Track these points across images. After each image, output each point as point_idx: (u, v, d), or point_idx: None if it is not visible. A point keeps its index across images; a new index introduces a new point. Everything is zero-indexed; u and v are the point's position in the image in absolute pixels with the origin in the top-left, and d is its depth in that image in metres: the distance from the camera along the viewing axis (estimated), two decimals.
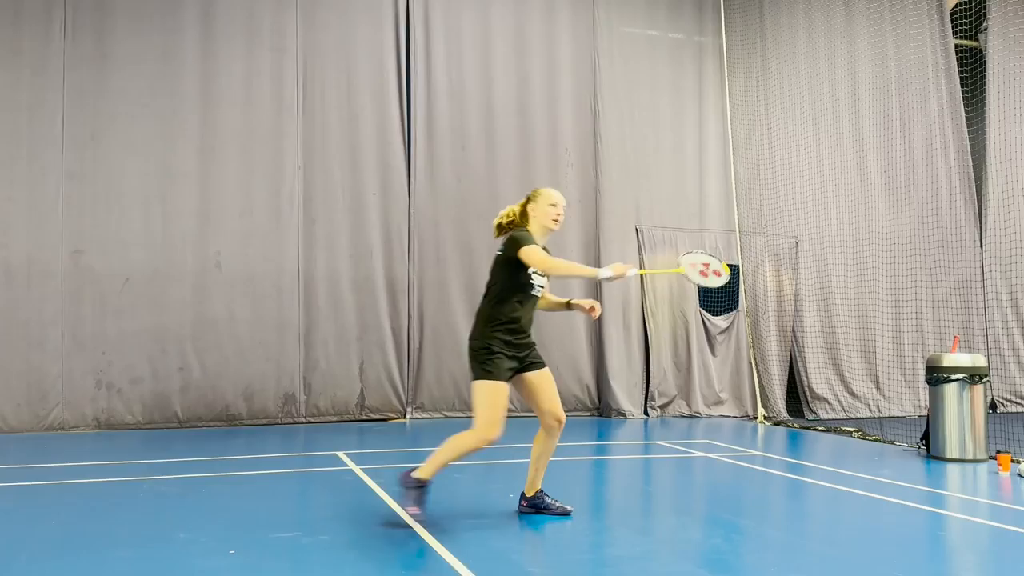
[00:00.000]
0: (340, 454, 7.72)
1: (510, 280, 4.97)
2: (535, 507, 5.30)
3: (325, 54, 10.49)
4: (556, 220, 5.11)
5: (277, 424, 9.94)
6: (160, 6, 9.89)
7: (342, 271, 10.36)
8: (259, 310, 9.99)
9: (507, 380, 4.89)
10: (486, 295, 5.09)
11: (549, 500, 5.31)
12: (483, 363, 4.86)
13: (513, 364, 4.93)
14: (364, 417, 10.31)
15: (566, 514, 5.26)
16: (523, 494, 5.36)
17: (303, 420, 10.07)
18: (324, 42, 10.49)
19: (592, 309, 5.22)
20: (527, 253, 4.83)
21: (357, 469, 6.91)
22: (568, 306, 5.37)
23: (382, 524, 5.04)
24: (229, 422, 9.77)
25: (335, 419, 10.21)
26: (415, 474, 4.93)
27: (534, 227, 5.13)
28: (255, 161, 10.11)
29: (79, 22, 9.60)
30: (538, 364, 5.07)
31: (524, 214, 5.21)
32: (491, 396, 4.81)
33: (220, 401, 9.76)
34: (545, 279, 5.08)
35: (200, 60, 10.00)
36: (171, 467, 7.09)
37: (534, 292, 5.05)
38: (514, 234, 4.99)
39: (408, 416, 10.52)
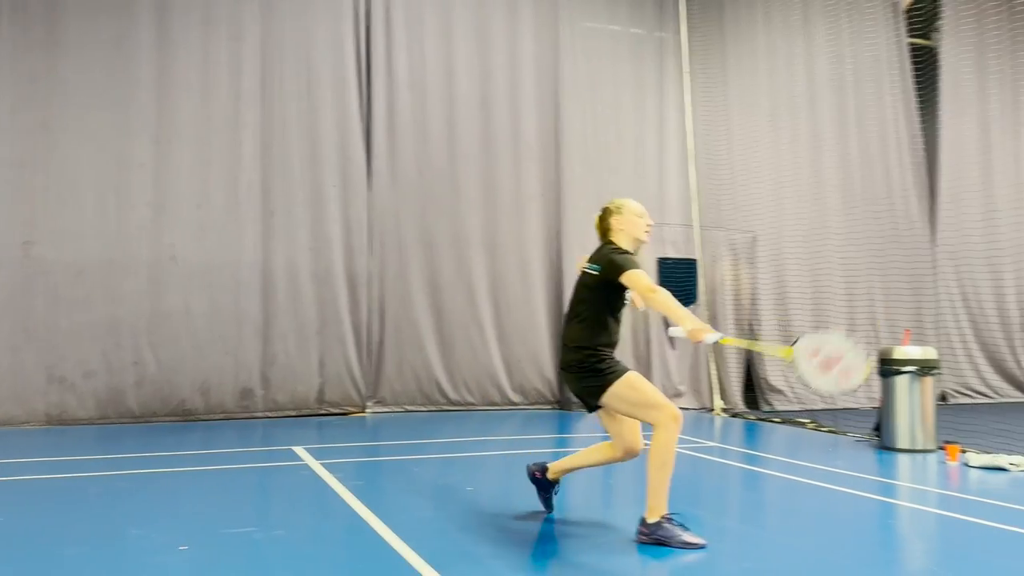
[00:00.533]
0: (298, 449, 7.66)
1: (607, 302, 4.64)
2: (542, 485, 5.12)
3: (284, 44, 10.35)
4: (647, 231, 4.79)
5: (234, 419, 9.82)
6: None
7: (301, 264, 10.25)
8: (216, 303, 9.85)
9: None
10: (578, 318, 4.68)
11: (553, 495, 5.17)
12: (601, 372, 4.56)
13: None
14: (324, 411, 10.23)
15: (550, 510, 5.20)
16: (545, 466, 5.11)
17: (261, 415, 9.96)
18: (283, 32, 10.35)
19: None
20: (632, 278, 4.43)
21: (315, 464, 6.86)
22: None
23: (338, 519, 5.01)
24: (185, 417, 9.64)
25: (294, 413, 10.11)
26: (650, 519, 4.51)
27: (623, 240, 4.74)
28: (212, 151, 9.95)
29: (29, 9, 9.35)
30: None
31: (607, 228, 4.82)
32: (634, 388, 4.52)
33: (176, 395, 9.61)
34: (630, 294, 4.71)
35: (156, 47, 9.80)
36: (125, 463, 6.98)
37: (623, 311, 4.73)
38: (613, 256, 4.56)
39: (368, 410, 10.47)
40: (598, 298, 4.63)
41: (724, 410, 11.20)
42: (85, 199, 9.45)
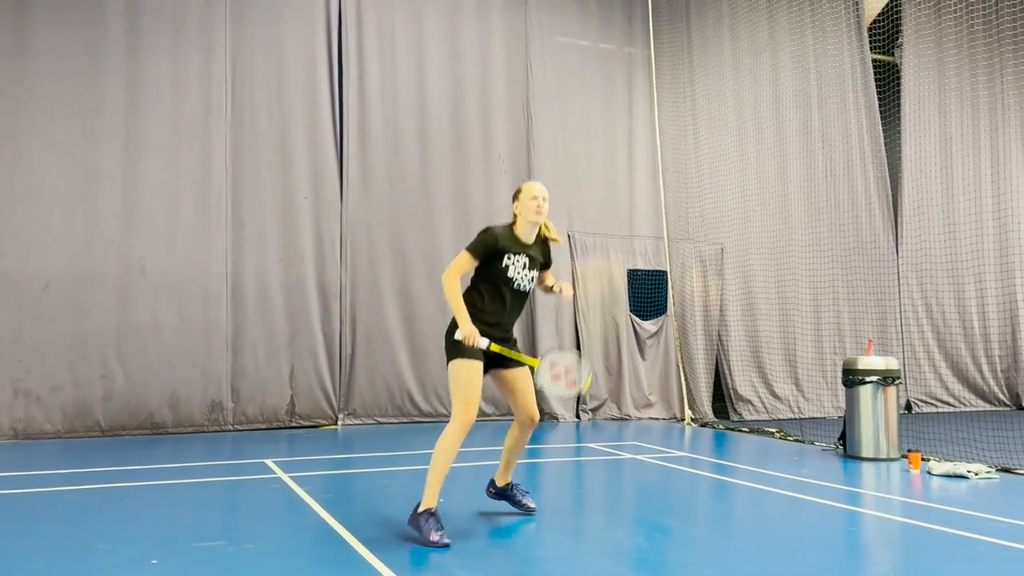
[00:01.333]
0: (268, 462, 7.63)
1: (478, 275, 4.99)
2: (502, 496, 5.47)
3: (255, 54, 10.35)
4: (538, 212, 4.96)
5: (204, 432, 9.75)
6: (83, 0, 9.61)
7: (272, 275, 10.22)
8: (185, 315, 9.78)
9: (481, 362, 4.87)
10: (469, 284, 5.06)
11: (518, 494, 5.45)
12: (448, 346, 4.90)
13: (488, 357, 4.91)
14: (294, 424, 10.19)
15: (530, 512, 5.44)
16: (492, 481, 5.51)
17: (231, 428, 9.89)
18: (254, 42, 10.35)
19: (561, 291, 5.18)
20: (456, 259, 4.91)
21: (285, 477, 6.84)
22: (549, 289, 5.30)
23: (309, 532, 5.01)
24: (153, 430, 9.55)
25: (264, 427, 10.06)
26: (420, 508, 4.80)
27: (521, 224, 5.00)
28: (181, 162, 9.91)
29: None
30: (519, 364, 5.06)
31: (514, 215, 5.07)
32: (455, 376, 4.85)
33: (144, 409, 9.52)
34: (534, 273, 5.03)
35: (125, 56, 9.75)
36: (92, 477, 6.90)
37: (514, 287, 4.94)
38: (480, 235, 4.93)
39: (340, 423, 10.44)
40: (480, 271, 4.96)
41: (693, 420, 11.31)
42: (52, 210, 9.36)
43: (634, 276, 12.02)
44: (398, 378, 10.67)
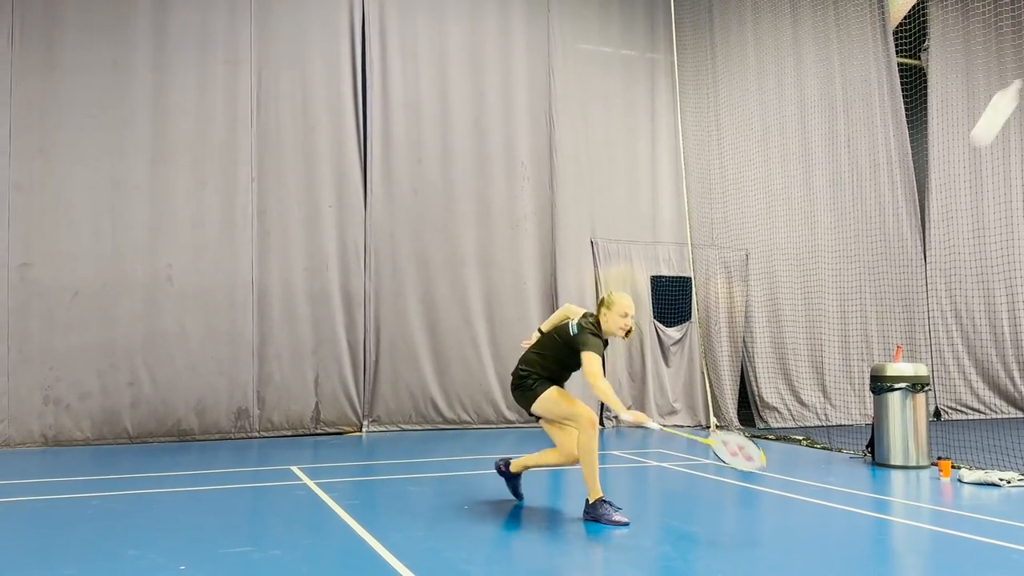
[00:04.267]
0: (294, 468, 7.67)
1: (563, 357, 5.49)
2: (507, 476, 5.95)
3: (280, 66, 10.45)
4: (623, 330, 5.39)
5: (230, 439, 9.82)
6: (111, 16, 9.77)
7: (297, 283, 10.30)
8: (211, 323, 9.88)
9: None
10: (537, 351, 5.59)
11: (519, 483, 5.98)
12: (531, 388, 5.48)
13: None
14: (319, 431, 10.24)
15: (519, 498, 5.95)
16: (508, 461, 5.97)
17: (256, 435, 9.97)
18: (279, 54, 10.46)
19: None
20: (587, 359, 5.22)
21: (311, 483, 6.87)
22: None
23: (335, 538, 5.03)
24: (181, 437, 9.64)
25: (289, 433, 10.12)
26: (591, 499, 5.39)
27: (605, 328, 5.42)
28: (208, 173, 10.03)
29: (27, 31, 9.45)
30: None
31: (597, 314, 5.49)
32: (554, 401, 5.43)
33: (171, 416, 9.62)
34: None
35: (152, 71, 9.89)
36: (121, 483, 6.99)
37: (576, 370, 5.53)
38: (587, 333, 5.29)
39: (364, 430, 10.48)
40: (559, 349, 5.47)
41: (719, 427, 11.23)
42: (81, 221, 9.50)
43: (658, 282, 11.97)
44: (422, 385, 10.70)
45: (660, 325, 11.87)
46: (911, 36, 13.23)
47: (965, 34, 13.41)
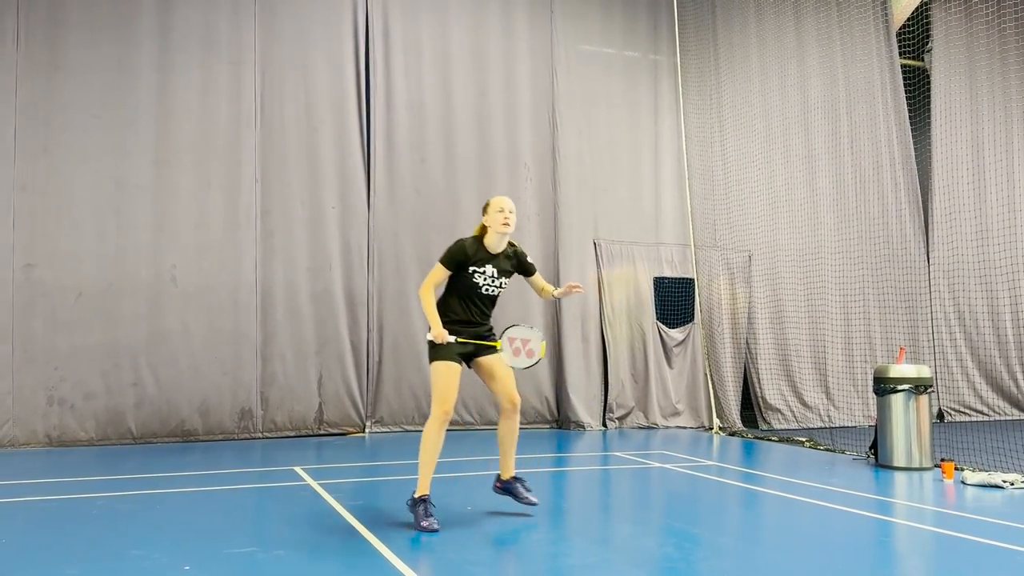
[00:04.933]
0: (297, 469, 7.69)
1: (451, 283, 5.48)
2: (507, 491, 5.71)
3: (283, 67, 10.47)
4: (505, 223, 5.37)
5: (233, 439, 9.84)
6: (115, 16, 9.79)
7: (300, 284, 10.32)
8: (215, 324, 9.90)
9: (457, 363, 5.35)
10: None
11: (521, 489, 5.67)
12: (429, 347, 5.37)
13: (466, 349, 5.40)
14: (322, 432, 10.25)
15: (531, 504, 5.67)
16: (498, 476, 5.75)
17: (260, 435, 9.98)
18: (282, 55, 10.48)
19: (574, 288, 5.59)
20: (431, 271, 5.41)
21: (314, 484, 6.89)
22: (554, 296, 5.76)
23: (338, 539, 5.05)
24: (184, 438, 9.66)
25: (293, 434, 10.14)
26: (416, 493, 5.32)
27: (490, 235, 5.43)
28: (211, 173, 10.04)
29: (31, 32, 9.47)
30: (493, 348, 5.47)
31: (482, 226, 5.50)
32: (433, 372, 5.31)
33: (175, 416, 9.64)
34: (503, 279, 5.52)
35: (155, 71, 9.91)
36: (125, 483, 7.00)
37: (481, 291, 5.44)
38: (450, 248, 5.42)
39: (367, 430, 10.49)
40: (450, 280, 5.46)
41: (721, 429, 11.23)
42: (85, 221, 9.52)
43: (660, 284, 11.98)
44: (424, 386, 10.70)
45: (663, 326, 11.87)
46: (914, 38, 13.23)
47: (968, 36, 13.40)
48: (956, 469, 7.44)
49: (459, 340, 5.35)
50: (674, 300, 12.00)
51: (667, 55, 12.40)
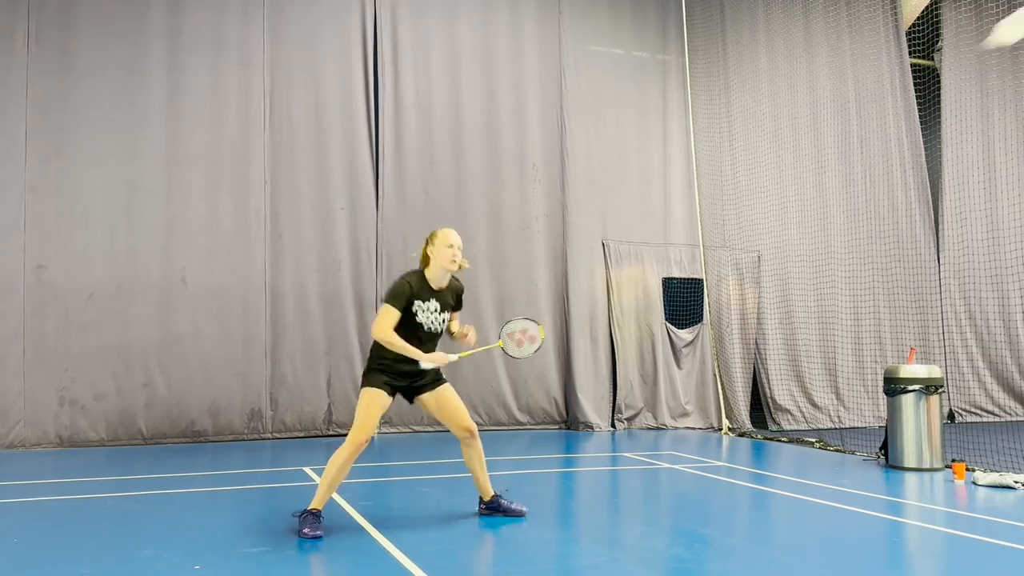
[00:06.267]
0: (307, 469, 7.71)
1: (403, 319, 5.20)
2: (493, 509, 5.65)
3: (292, 69, 10.50)
4: (453, 261, 5.22)
5: (243, 440, 9.87)
6: (125, 19, 9.84)
7: (309, 285, 10.34)
8: (225, 325, 9.93)
9: (388, 393, 5.22)
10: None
11: (505, 502, 5.65)
12: (364, 373, 5.29)
13: (400, 383, 5.26)
14: (332, 432, 10.27)
15: (521, 515, 5.60)
16: (480, 499, 5.70)
17: (270, 436, 10.01)
18: (291, 57, 10.51)
19: (464, 336, 5.48)
20: (381, 312, 5.12)
21: None
22: (452, 334, 5.57)
23: (348, 539, 5.06)
24: (194, 438, 9.69)
25: (302, 435, 10.16)
26: (311, 505, 5.15)
27: (434, 268, 5.27)
28: (221, 175, 10.08)
29: (43, 34, 9.53)
30: (436, 383, 5.36)
31: (425, 255, 5.31)
32: (361, 401, 5.18)
33: (185, 417, 9.68)
34: (446, 314, 5.38)
35: (165, 73, 9.96)
36: (136, 484, 7.03)
37: (424, 330, 5.25)
38: (393, 285, 5.20)
39: (376, 431, 10.50)
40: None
41: (731, 430, 11.20)
42: (96, 223, 9.57)
43: (669, 284, 11.96)
44: None
45: (672, 327, 11.85)
46: (924, 37, 13.17)
47: (978, 34, 13.31)
48: (967, 470, 7.41)
49: (460, 356, 5.34)
50: (683, 300, 11.98)
51: (676, 55, 12.39)
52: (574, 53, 11.81)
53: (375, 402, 5.16)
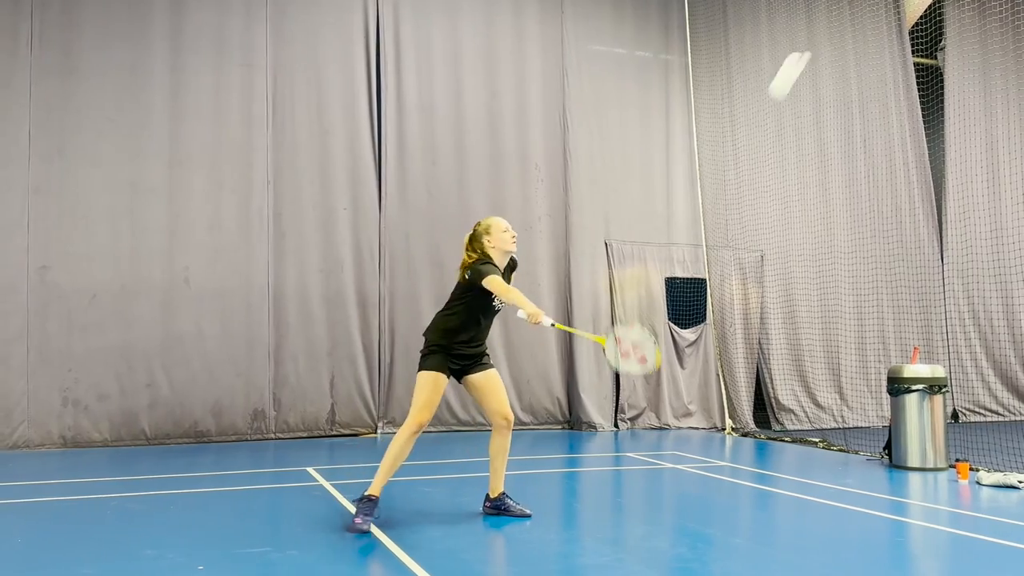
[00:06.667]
0: (310, 469, 7.71)
1: (475, 302, 5.36)
2: (497, 508, 5.63)
3: (295, 69, 10.51)
4: (514, 240, 5.50)
5: (246, 440, 9.88)
6: (128, 20, 9.85)
7: (312, 286, 10.35)
8: (228, 325, 9.94)
9: (446, 375, 5.36)
10: (447, 311, 5.48)
11: (511, 502, 5.64)
12: (422, 356, 5.42)
13: (454, 365, 5.41)
14: (335, 432, 10.28)
15: (526, 516, 5.57)
16: (487, 495, 5.69)
17: (273, 436, 10.02)
18: (294, 57, 10.52)
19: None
20: (491, 283, 5.21)
21: (327, 484, 6.91)
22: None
23: (352, 539, 5.06)
24: (198, 439, 9.70)
25: (305, 435, 10.17)
26: (367, 492, 5.29)
27: (496, 255, 5.45)
28: (224, 176, 10.09)
29: (46, 35, 9.54)
30: (485, 366, 5.48)
31: (481, 246, 5.47)
32: (419, 386, 5.33)
33: (188, 418, 9.68)
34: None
35: (168, 74, 9.97)
36: (139, 484, 7.04)
37: (495, 310, 5.50)
38: (477, 265, 5.31)
39: (379, 431, 10.51)
40: (472, 301, 5.36)
41: (734, 429, 11.19)
42: (99, 224, 9.58)
43: (672, 284, 11.95)
44: None
45: (675, 327, 11.84)
46: (927, 35, 13.15)
47: (982, 33, 13.31)
48: (971, 470, 7.40)
49: (556, 326, 5.30)
50: (686, 300, 11.97)
51: (678, 54, 12.38)
52: (576, 53, 11.81)
53: (433, 383, 5.31)
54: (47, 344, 9.28)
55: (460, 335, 5.38)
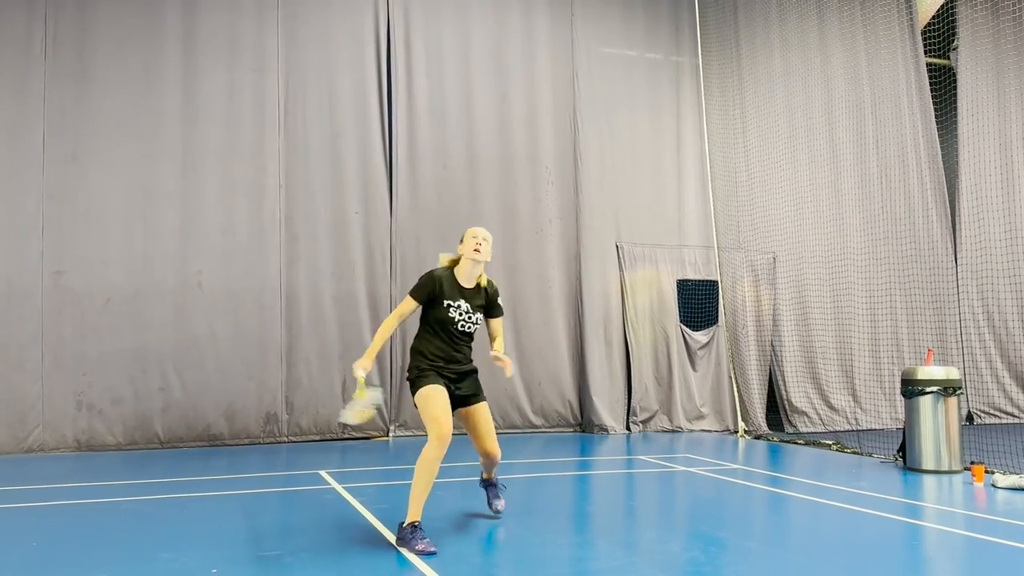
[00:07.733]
0: (322, 472, 7.73)
1: (430, 317, 5.20)
2: (485, 486, 5.83)
3: (307, 74, 10.55)
4: (476, 250, 5.18)
5: (259, 443, 9.91)
6: (141, 25, 9.92)
7: (324, 289, 10.38)
8: (241, 328, 9.98)
9: (443, 385, 5.11)
10: (417, 333, 5.32)
11: (491, 495, 5.79)
12: (412, 381, 5.19)
13: (451, 380, 5.18)
14: (347, 436, 10.30)
15: (496, 514, 5.72)
16: (481, 475, 5.85)
17: (285, 439, 10.05)
18: (306, 62, 10.56)
19: (499, 361, 5.26)
20: (400, 304, 5.20)
21: (339, 487, 6.92)
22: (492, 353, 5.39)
23: (363, 542, 5.06)
24: (211, 442, 9.74)
25: (317, 438, 10.19)
26: (405, 521, 4.93)
27: (462, 263, 5.25)
28: (236, 180, 10.14)
29: (60, 41, 9.62)
30: (478, 398, 5.32)
31: (457, 257, 5.32)
32: (422, 399, 5.07)
33: (201, 421, 9.72)
34: (479, 315, 5.27)
35: (181, 79, 10.03)
36: (152, 487, 7.07)
37: (457, 327, 5.17)
38: (421, 280, 5.22)
39: (391, 435, 10.52)
40: (426, 318, 5.23)
41: (747, 432, 11.15)
42: (112, 228, 9.64)
43: (684, 286, 11.92)
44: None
45: (687, 329, 11.81)
46: (940, 36, 13.08)
47: (995, 33, 13.23)
48: (986, 472, 7.34)
49: (359, 380, 5.04)
50: (698, 302, 11.93)
51: (689, 56, 12.35)
52: (587, 55, 11.81)
53: (434, 393, 5.01)
54: (61, 348, 9.34)
55: (436, 356, 5.12)
